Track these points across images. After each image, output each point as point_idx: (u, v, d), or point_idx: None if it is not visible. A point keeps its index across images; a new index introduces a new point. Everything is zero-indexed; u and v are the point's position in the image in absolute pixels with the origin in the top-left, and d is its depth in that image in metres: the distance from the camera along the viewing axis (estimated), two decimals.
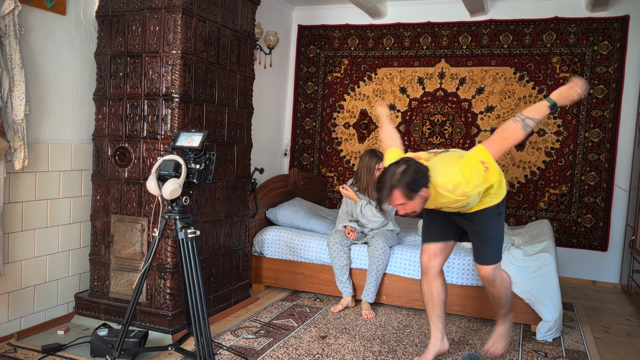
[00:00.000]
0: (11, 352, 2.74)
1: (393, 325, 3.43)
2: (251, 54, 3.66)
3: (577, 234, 4.80)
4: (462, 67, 5.10)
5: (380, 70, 5.39)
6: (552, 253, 3.37)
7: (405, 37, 5.29)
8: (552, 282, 3.25)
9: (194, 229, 2.47)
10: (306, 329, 3.29)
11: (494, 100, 5.00)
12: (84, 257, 3.33)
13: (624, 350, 3.20)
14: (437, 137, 5.21)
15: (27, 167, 2.87)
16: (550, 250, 3.38)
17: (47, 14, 2.99)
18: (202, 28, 3.13)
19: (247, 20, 3.58)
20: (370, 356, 2.92)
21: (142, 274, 2.49)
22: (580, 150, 4.76)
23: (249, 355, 2.83)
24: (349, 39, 5.48)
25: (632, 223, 4.32)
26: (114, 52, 3.13)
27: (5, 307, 2.88)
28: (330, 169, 5.63)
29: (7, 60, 2.68)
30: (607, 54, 4.66)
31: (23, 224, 2.94)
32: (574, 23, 4.75)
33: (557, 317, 3.21)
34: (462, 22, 5.09)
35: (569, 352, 3.09)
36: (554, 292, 3.24)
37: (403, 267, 3.69)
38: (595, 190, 4.74)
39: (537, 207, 4.91)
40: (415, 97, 5.27)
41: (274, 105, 5.48)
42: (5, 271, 2.83)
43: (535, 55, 4.87)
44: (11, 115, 2.71)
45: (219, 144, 3.37)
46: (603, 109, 4.70)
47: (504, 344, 2.88)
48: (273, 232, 4.10)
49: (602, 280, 4.74)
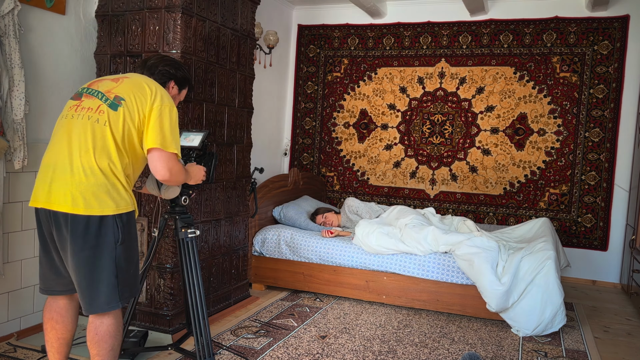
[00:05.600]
0: (11, 352, 2.73)
1: (393, 325, 3.43)
2: (251, 53, 3.66)
3: (577, 234, 4.79)
4: (462, 67, 5.10)
5: (380, 69, 5.38)
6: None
7: (405, 36, 5.29)
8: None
9: (194, 228, 2.46)
10: (306, 328, 3.28)
11: (494, 100, 5.00)
12: None
13: (624, 350, 3.20)
14: (437, 137, 5.21)
15: (26, 167, 2.87)
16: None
17: (47, 13, 2.99)
18: (202, 28, 3.13)
19: (247, 20, 3.58)
20: (370, 356, 2.91)
21: (141, 274, 2.49)
22: (580, 150, 4.76)
23: (249, 355, 2.83)
24: (349, 39, 5.48)
25: (632, 223, 4.31)
26: (113, 51, 3.12)
27: (5, 307, 2.88)
28: (330, 169, 5.62)
29: (6, 60, 2.67)
30: (607, 54, 4.66)
31: (22, 224, 2.93)
32: (574, 23, 4.75)
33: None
34: (462, 22, 5.09)
35: (569, 352, 3.09)
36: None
37: (403, 266, 3.69)
38: (596, 190, 4.73)
39: (537, 207, 4.90)
40: (415, 96, 5.27)
41: (273, 105, 5.48)
42: (4, 271, 2.83)
43: (535, 55, 4.86)
44: (11, 114, 2.71)
45: (218, 143, 3.37)
46: (603, 109, 4.69)
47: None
48: (273, 232, 4.10)
49: (602, 280, 4.74)
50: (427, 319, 3.56)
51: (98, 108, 1.98)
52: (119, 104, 1.98)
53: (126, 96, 2.00)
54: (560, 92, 4.79)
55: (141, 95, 2.03)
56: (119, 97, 2.00)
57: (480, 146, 5.06)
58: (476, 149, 5.08)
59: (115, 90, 2.02)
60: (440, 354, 2.98)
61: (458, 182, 5.15)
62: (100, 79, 2.14)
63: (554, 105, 4.82)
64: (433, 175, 5.23)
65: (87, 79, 3.26)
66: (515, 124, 4.94)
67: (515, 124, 4.94)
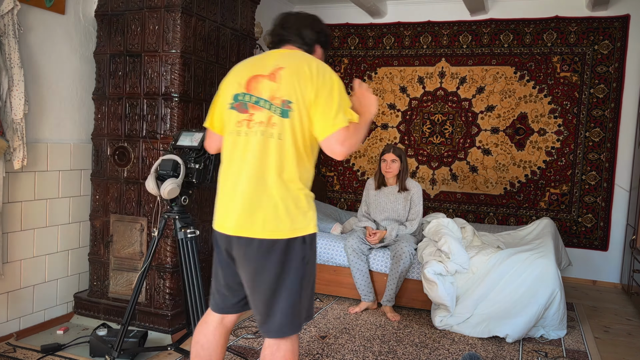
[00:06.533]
0: (10, 352, 2.73)
1: (393, 325, 3.43)
2: (251, 53, 3.65)
3: (577, 234, 4.79)
4: (462, 67, 5.09)
5: (380, 69, 5.38)
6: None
7: (405, 36, 5.28)
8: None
9: (194, 228, 2.46)
10: (306, 328, 3.28)
11: (494, 100, 4.99)
12: (83, 257, 3.32)
13: (624, 350, 3.19)
14: (437, 137, 5.20)
15: (26, 167, 2.86)
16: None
17: (46, 13, 2.99)
18: (202, 27, 3.12)
19: (247, 20, 3.57)
20: (370, 356, 2.91)
21: (141, 274, 2.48)
22: (580, 150, 4.76)
23: (249, 355, 2.83)
24: (349, 38, 5.47)
25: (632, 223, 4.31)
26: (113, 51, 3.12)
27: (5, 307, 2.87)
28: (330, 169, 5.62)
29: (6, 60, 2.67)
30: (607, 54, 4.66)
31: (22, 224, 2.93)
32: (575, 22, 4.74)
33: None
34: (462, 22, 5.08)
35: (569, 352, 3.09)
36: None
37: None
38: (596, 189, 4.73)
39: (538, 207, 4.90)
40: (416, 96, 5.26)
41: None
42: (4, 271, 2.82)
43: (535, 55, 4.86)
44: (10, 114, 2.70)
45: None
46: (604, 109, 4.69)
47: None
48: None
49: (602, 280, 4.74)
50: (427, 319, 3.56)
51: (270, 120, 1.76)
52: (288, 109, 1.76)
53: (293, 97, 1.76)
54: (560, 91, 4.79)
55: (304, 82, 1.77)
56: (287, 101, 1.76)
57: (480, 146, 5.06)
58: (476, 148, 5.07)
59: (279, 94, 1.77)
60: (440, 354, 2.97)
61: (458, 182, 5.14)
62: (254, 75, 1.84)
63: (555, 105, 4.81)
64: (433, 175, 5.23)
65: (86, 78, 3.26)
66: (516, 124, 4.93)
67: (515, 123, 4.94)
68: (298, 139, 1.77)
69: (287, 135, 1.76)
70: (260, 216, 1.74)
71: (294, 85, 1.77)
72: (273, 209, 1.74)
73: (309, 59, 1.85)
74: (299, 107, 1.76)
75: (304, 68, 1.79)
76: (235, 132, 1.82)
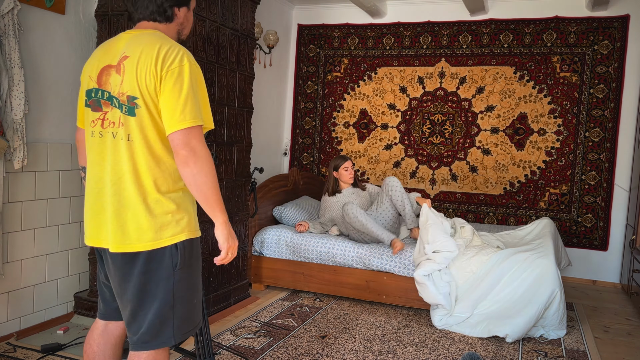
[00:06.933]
0: (10, 352, 2.73)
1: (393, 325, 3.43)
2: (251, 53, 3.65)
3: (577, 234, 4.79)
4: (462, 67, 5.09)
5: (380, 69, 5.38)
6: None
7: (405, 36, 5.29)
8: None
9: None
10: (306, 328, 3.28)
11: (494, 100, 5.00)
12: (83, 257, 3.33)
13: (624, 350, 3.20)
14: (437, 137, 5.21)
15: (26, 167, 2.87)
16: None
17: (47, 13, 2.99)
18: (202, 27, 3.12)
19: (247, 20, 3.58)
20: (370, 356, 2.91)
21: None
22: (580, 150, 4.76)
23: (249, 355, 2.83)
24: (349, 38, 5.48)
25: (632, 222, 4.31)
26: None
27: (5, 307, 2.87)
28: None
29: (6, 60, 2.67)
30: (607, 54, 4.66)
31: (22, 224, 2.93)
32: (574, 22, 4.74)
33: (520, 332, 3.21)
34: (462, 22, 5.08)
35: (569, 352, 3.09)
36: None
37: (403, 266, 3.69)
38: (596, 189, 4.73)
39: (538, 207, 4.90)
40: (416, 96, 5.27)
41: (273, 105, 5.47)
42: (4, 271, 2.83)
43: (535, 55, 4.86)
44: (10, 114, 2.71)
45: (218, 143, 3.36)
46: (603, 109, 4.69)
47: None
48: (273, 232, 4.10)
49: (602, 280, 4.74)
50: (427, 319, 3.56)
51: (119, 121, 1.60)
52: (134, 106, 1.58)
53: (137, 92, 1.58)
54: (560, 91, 4.79)
55: (148, 70, 1.56)
56: (131, 97, 1.58)
57: (480, 146, 5.06)
58: (476, 148, 5.07)
59: (123, 89, 1.59)
60: (440, 354, 2.97)
61: (458, 182, 5.14)
62: (105, 66, 1.65)
63: (554, 105, 4.81)
64: (433, 175, 5.23)
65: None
66: (516, 124, 4.94)
67: (515, 123, 4.94)
68: (150, 139, 1.58)
69: (135, 136, 1.58)
70: (120, 228, 1.61)
71: (137, 78, 1.56)
72: (133, 219, 1.60)
73: (159, 41, 1.59)
74: (146, 102, 1.56)
75: (150, 53, 1.55)
76: (90, 133, 1.67)
